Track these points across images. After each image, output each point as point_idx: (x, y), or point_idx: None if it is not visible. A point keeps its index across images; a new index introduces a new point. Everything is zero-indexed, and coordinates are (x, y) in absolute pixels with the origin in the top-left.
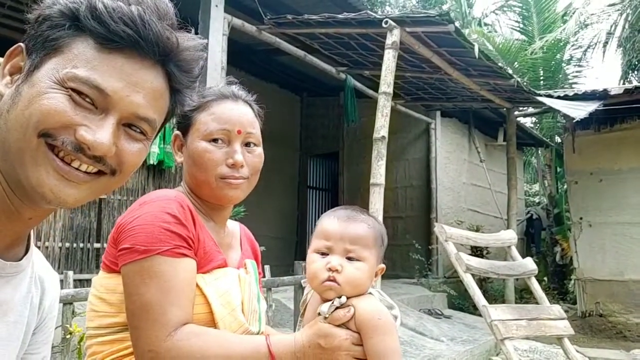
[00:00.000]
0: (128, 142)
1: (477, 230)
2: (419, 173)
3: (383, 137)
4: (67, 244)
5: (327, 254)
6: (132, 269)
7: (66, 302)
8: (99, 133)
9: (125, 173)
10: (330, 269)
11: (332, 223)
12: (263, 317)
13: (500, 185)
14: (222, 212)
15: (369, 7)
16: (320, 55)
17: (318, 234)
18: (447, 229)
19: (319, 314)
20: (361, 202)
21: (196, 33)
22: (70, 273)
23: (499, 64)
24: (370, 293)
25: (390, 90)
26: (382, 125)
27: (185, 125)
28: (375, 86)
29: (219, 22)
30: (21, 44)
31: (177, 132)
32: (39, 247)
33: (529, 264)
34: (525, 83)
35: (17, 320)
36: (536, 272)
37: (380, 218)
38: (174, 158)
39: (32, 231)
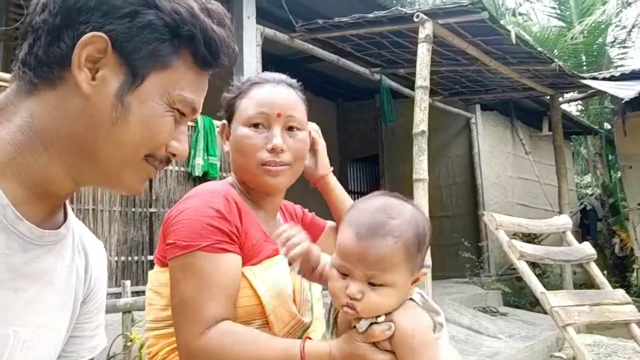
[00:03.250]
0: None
1: None
2: (463, 169)
3: (423, 131)
4: (123, 258)
5: (347, 275)
6: (175, 265)
7: (125, 310)
8: (184, 143)
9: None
10: (348, 296)
11: (350, 239)
12: (316, 306)
13: (549, 177)
14: (272, 200)
15: (399, 5)
16: (353, 58)
17: (338, 246)
18: (497, 217)
19: (354, 327)
20: None
21: None
22: (128, 282)
23: (538, 49)
24: (411, 298)
25: (427, 83)
26: (421, 119)
27: (229, 113)
28: (411, 85)
29: (251, 33)
30: (104, 36)
31: (223, 121)
32: None
33: (587, 249)
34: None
35: (65, 289)
36: (595, 256)
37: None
38: (222, 147)
39: (67, 200)
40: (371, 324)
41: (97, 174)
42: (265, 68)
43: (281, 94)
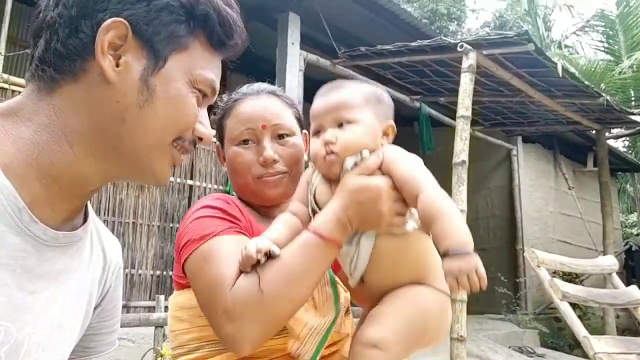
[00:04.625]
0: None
1: None
2: (502, 202)
3: (463, 161)
4: (158, 272)
5: (321, 132)
6: (193, 259)
7: (157, 325)
8: (208, 126)
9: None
10: (325, 144)
11: (316, 101)
12: (342, 299)
13: (593, 214)
14: (279, 209)
15: (442, 35)
16: (394, 85)
17: (310, 117)
18: (539, 254)
19: (346, 172)
20: None
21: (273, 70)
22: (162, 297)
23: (585, 82)
24: None
25: (469, 113)
26: (461, 149)
27: (220, 135)
28: (451, 114)
29: (295, 59)
30: (124, 21)
31: (217, 143)
32: (132, 275)
33: (635, 293)
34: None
35: (80, 290)
36: None
37: None
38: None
39: (89, 202)
40: (355, 164)
41: (127, 164)
42: (306, 93)
43: (263, 104)
